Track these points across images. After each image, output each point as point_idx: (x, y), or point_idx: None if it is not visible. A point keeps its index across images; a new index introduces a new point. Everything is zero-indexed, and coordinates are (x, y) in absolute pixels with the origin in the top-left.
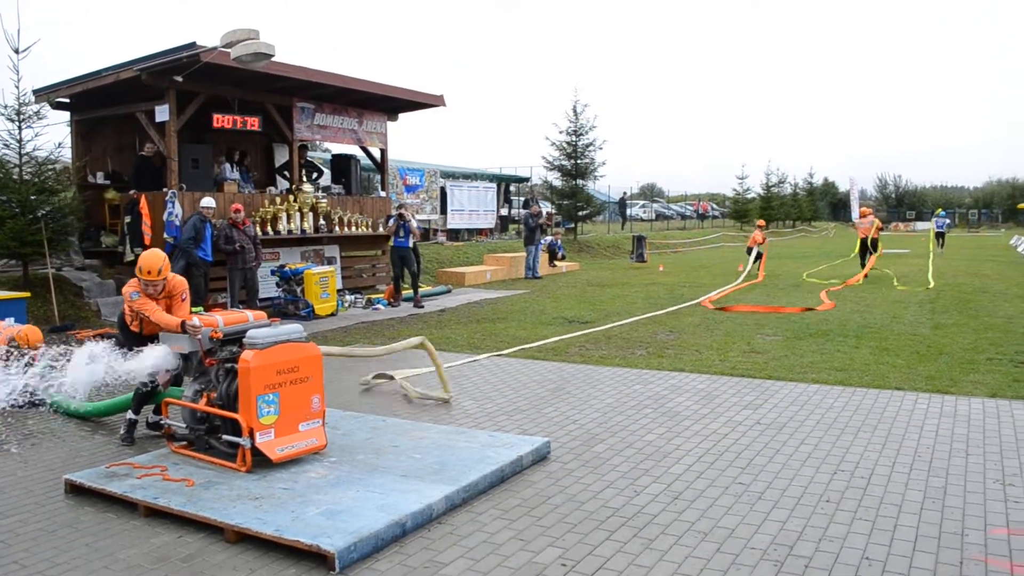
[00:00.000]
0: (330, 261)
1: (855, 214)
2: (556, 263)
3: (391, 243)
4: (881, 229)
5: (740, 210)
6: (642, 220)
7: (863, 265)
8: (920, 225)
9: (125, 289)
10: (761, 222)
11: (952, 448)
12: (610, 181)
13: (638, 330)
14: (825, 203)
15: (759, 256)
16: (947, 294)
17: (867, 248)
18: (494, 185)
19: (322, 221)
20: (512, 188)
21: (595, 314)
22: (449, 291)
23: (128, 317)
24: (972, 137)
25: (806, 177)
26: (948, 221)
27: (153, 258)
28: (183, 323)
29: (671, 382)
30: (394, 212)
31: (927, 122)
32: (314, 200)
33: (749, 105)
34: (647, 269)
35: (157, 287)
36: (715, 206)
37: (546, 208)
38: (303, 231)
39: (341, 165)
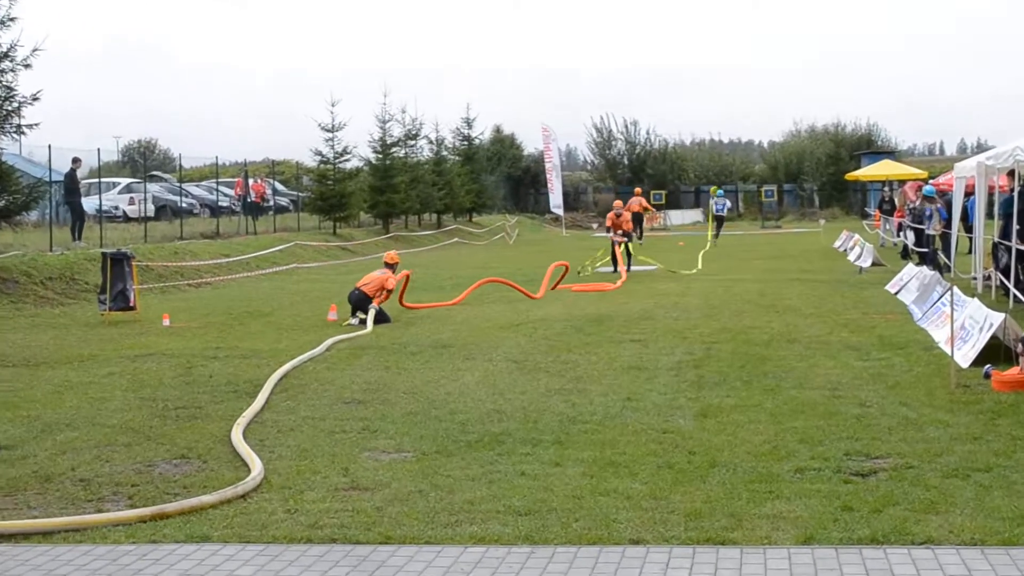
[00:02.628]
0: None
1: (555, 198)
2: None
3: None
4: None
5: (329, 193)
6: (124, 219)
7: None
8: (680, 217)
9: None
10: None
11: None
12: (57, 138)
13: None
14: (501, 174)
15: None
16: (724, 348)
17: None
18: None
19: None
20: None
21: None
22: None
23: None
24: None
25: (455, 129)
26: (728, 203)
27: None
28: None
29: None
30: None
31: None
32: None
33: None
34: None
35: None
36: (280, 186)
37: None
38: None
39: None
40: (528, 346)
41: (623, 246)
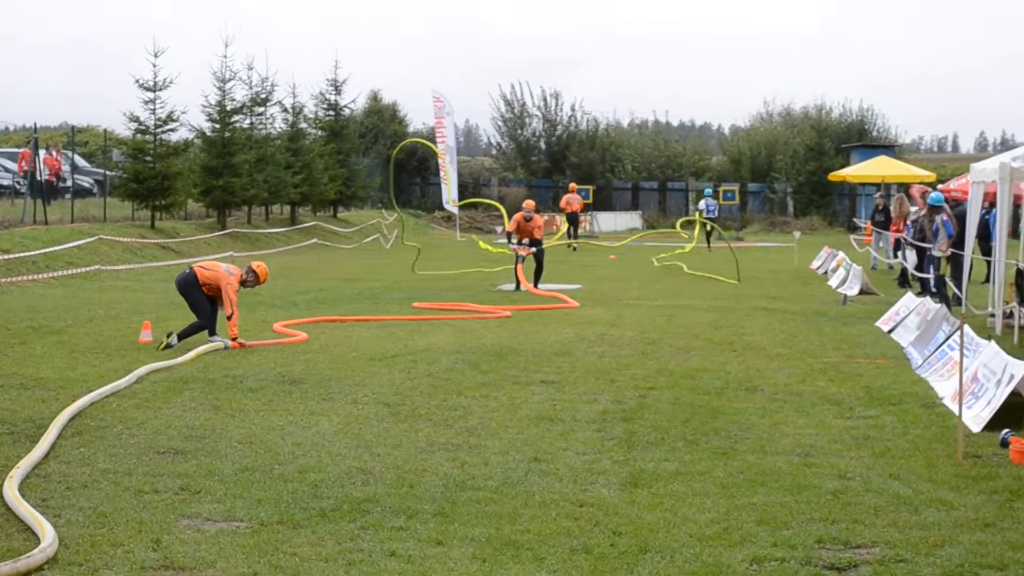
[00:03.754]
0: None
1: (449, 191)
2: None
3: None
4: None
5: (148, 173)
6: None
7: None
8: (612, 221)
9: None
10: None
11: None
12: None
13: None
14: (377, 157)
15: None
16: (663, 396)
17: None
18: None
19: None
20: None
21: None
22: None
23: None
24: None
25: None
26: (716, 204)
27: None
28: None
29: None
30: None
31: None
32: None
33: None
34: None
35: None
36: (81, 161)
37: None
38: None
39: None
40: (405, 385)
41: (526, 259)
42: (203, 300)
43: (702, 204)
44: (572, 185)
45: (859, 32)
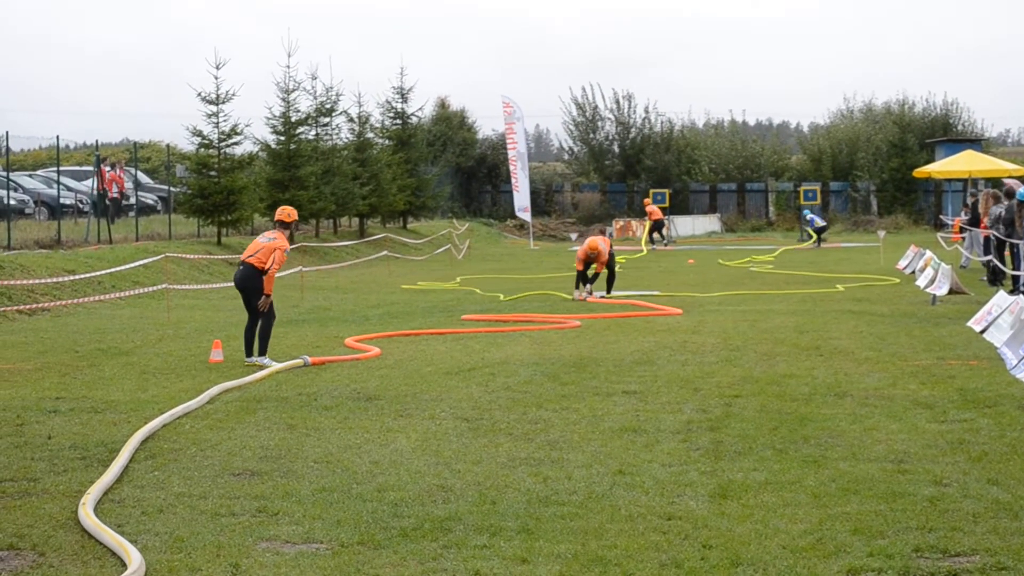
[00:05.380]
0: None
1: (521, 199)
2: None
3: None
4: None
5: (213, 188)
6: None
7: None
8: (689, 225)
9: None
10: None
11: None
12: None
13: None
14: (447, 166)
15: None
16: (749, 403)
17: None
18: None
19: None
20: None
21: None
22: None
23: None
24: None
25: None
26: (819, 215)
27: None
28: None
29: None
30: None
31: None
32: None
33: None
34: None
35: None
36: (144, 177)
37: None
38: None
39: None
40: (484, 399)
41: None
42: (258, 279)
43: (808, 215)
44: (647, 201)
45: (937, 20)
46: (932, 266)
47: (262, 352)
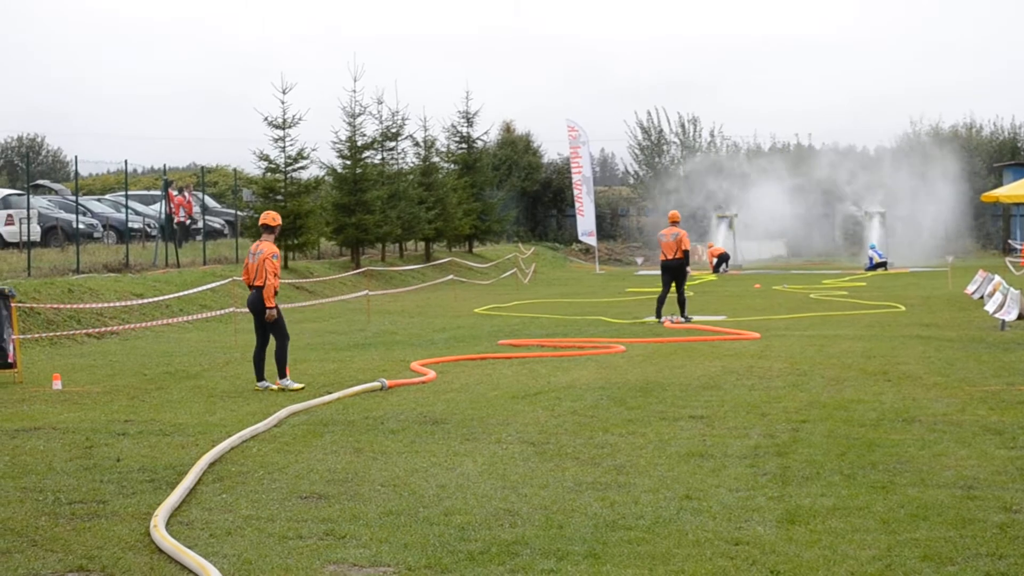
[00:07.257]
0: None
1: (586, 223)
2: None
3: None
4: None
5: (279, 213)
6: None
7: None
8: (755, 250)
9: None
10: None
11: None
12: None
13: None
14: (512, 190)
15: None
16: (817, 428)
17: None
18: None
19: None
20: None
21: None
22: None
23: None
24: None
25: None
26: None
27: None
28: None
29: None
30: None
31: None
32: None
33: None
34: None
35: None
36: (211, 201)
37: None
38: None
39: None
40: (550, 423)
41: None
42: (277, 316)
43: (873, 247)
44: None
45: (1007, 43)
46: (1001, 291)
47: (281, 375)
